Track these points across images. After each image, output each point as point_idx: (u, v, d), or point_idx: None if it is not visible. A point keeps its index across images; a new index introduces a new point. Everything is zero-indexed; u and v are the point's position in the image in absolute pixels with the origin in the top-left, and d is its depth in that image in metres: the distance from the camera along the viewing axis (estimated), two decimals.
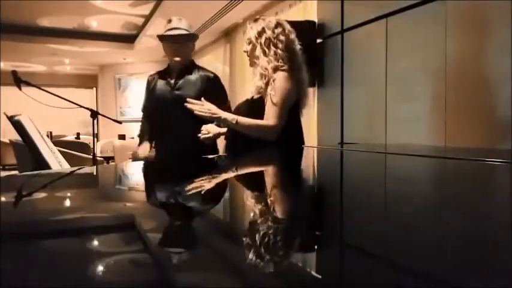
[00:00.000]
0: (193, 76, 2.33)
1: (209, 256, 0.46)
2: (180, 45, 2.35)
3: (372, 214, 0.66)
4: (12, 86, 2.58)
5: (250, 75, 1.97)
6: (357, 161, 1.63)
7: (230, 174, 1.30)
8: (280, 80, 1.78)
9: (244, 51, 1.93)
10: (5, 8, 6.06)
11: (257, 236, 0.55)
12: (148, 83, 2.48)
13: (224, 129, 2.01)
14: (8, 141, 6.57)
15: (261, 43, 1.85)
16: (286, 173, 1.25)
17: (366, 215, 0.65)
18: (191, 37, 2.40)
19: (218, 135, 2.03)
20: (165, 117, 2.34)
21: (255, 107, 1.83)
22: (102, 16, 6.88)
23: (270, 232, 0.56)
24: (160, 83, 2.41)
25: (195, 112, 1.87)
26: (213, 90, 2.29)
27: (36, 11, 6.58)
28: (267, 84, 1.80)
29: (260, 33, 1.87)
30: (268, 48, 1.83)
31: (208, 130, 2.00)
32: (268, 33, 1.85)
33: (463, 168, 1.24)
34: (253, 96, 1.85)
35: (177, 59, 2.36)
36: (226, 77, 6.47)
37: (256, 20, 1.92)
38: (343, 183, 1.06)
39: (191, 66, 2.41)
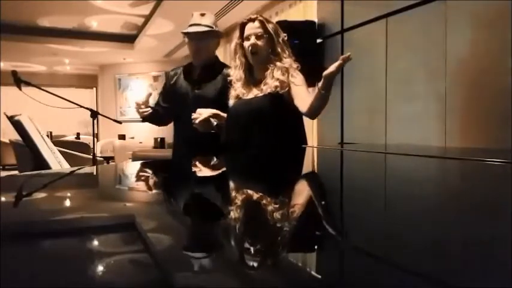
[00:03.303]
0: (215, 75, 2.22)
1: (209, 256, 0.46)
2: (198, 42, 2.24)
3: (372, 214, 0.66)
4: (12, 86, 2.58)
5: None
6: (357, 161, 1.63)
7: (232, 173, 1.30)
8: (299, 73, 1.84)
9: (253, 45, 1.84)
10: (5, 8, 6.06)
11: (257, 235, 0.55)
12: (168, 77, 2.39)
13: (214, 111, 1.93)
14: (8, 141, 6.57)
15: (279, 41, 1.86)
16: (287, 172, 1.25)
17: (366, 215, 0.65)
18: (208, 34, 2.24)
19: (212, 116, 1.93)
20: (183, 114, 2.26)
21: (282, 100, 1.80)
22: (102, 16, 6.89)
23: (270, 232, 0.56)
24: (182, 80, 2.32)
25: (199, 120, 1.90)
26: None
27: (36, 11, 6.58)
28: (287, 78, 1.81)
29: (277, 32, 1.88)
30: (286, 48, 1.88)
31: (201, 113, 1.95)
32: (283, 34, 1.89)
33: (463, 168, 1.24)
34: (277, 91, 1.79)
35: (196, 56, 2.26)
36: None
37: (262, 16, 1.91)
38: (343, 183, 1.06)
39: (214, 64, 2.28)
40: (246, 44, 1.86)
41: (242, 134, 1.84)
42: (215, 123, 1.95)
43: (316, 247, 0.51)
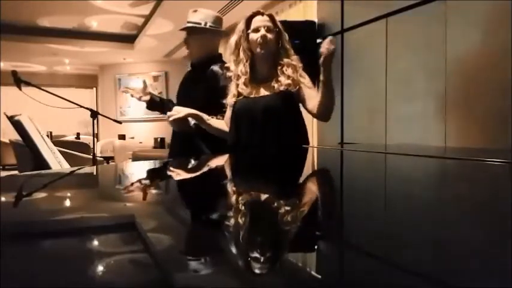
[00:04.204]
0: (205, 73, 2.16)
1: (209, 256, 0.46)
2: (187, 38, 2.25)
3: (372, 214, 0.66)
4: (12, 86, 2.59)
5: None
6: (357, 161, 1.63)
7: (232, 172, 1.30)
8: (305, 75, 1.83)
9: (264, 36, 1.78)
10: (5, 8, 6.06)
11: (257, 236, 0.55)
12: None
13: (193, 111, 1.88)
14: (8, 141, 6.58)
15: (286, 38, 1.85)
16: (287, 172, 1.25)
17: (366, 215, 0.65)
18: (193, 31, 2.20)
19: (189, 115, 1.88)
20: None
21: (293, 99, 1.80)
22: (102, 16, 6.89)
23: (270, 232, 0.56)
24: (184, 77, 2.35)
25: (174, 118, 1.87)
26: (220, 89, 2.06)
27: (36, 11, 6.58)
28: (297, 76, 1.80)
29: (284, 30, 1.86)
30: (291, 46, 1.86)
31: (179, 111, 1.89)
32: (286, 33, 1.87)
33: (463, 168, 1.24)
34: (289, 90, 1.77)
35: (188, 53, 2.28)
36: None
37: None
38: (343, 183, 1.06)
39: (206, 62, 2.20)
40: (255, 36, 1.79)
41: (255, 133, 1.79)
42: (192, 122, 1.90)
43: (316, 247, 0.51)
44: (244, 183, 1.05)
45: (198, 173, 1.30)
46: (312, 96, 1.80)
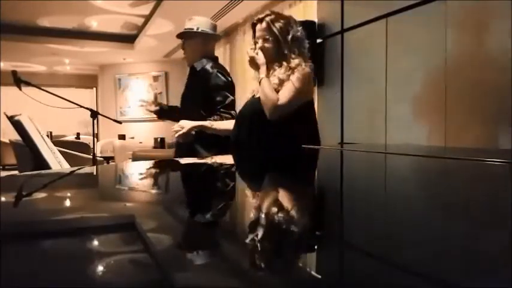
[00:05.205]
0: (199, 73, 2.26)
1: (209, 256, 0.46)
2: (183, 43, 2.37)
3: (371, 214, 0.66)
4: (12, 86, 2.59)
5: (251, 74, 1.92)
6: (357, 161, 1.63)
7: (232, 173, 1.30)
8: (307, 72, 1.77)
9: (260, 48, 1.79)
10: (5, 8, 6.06)
11: (258, 236, 0.55)
12: None
13: (195, 124, 2.02)
14: (8, 141, 6.58)
15: (287, 41, 1.80)
16: (287, 173, 1.25)
17: (366, 215, 0.65)
18: (186, 36, 2.35)
19: (193, 129, 2.03)
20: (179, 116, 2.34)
21: None
22: (102, 16, 6.89)
23: (270, 232, 0.56)
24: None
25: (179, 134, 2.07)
26: (212, 87, 2.21)
27: (36, 11, 6.58)
28: (288, 76, 1.75)
29: (285, 30, 1.81)
30: (296, 46, 1.81)
31: (182, 126, 2.03)
32: (294, 30, 1.83)
33: (463, 168, 1.24)
34: (278, 90, 1.75)
35: (184, 57, 2.40)
36: None
37: (272, 14, 1.85)
38: (343, 183, 1.06)
39: (201, 65, 2.30)
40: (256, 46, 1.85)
41: (246, 134, 1.82)
42: (193, 132, 2.08)
43: (316, 247, 0.51)
44: (242, 183, 1.05)
45: (197, 174, 1.30)
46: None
